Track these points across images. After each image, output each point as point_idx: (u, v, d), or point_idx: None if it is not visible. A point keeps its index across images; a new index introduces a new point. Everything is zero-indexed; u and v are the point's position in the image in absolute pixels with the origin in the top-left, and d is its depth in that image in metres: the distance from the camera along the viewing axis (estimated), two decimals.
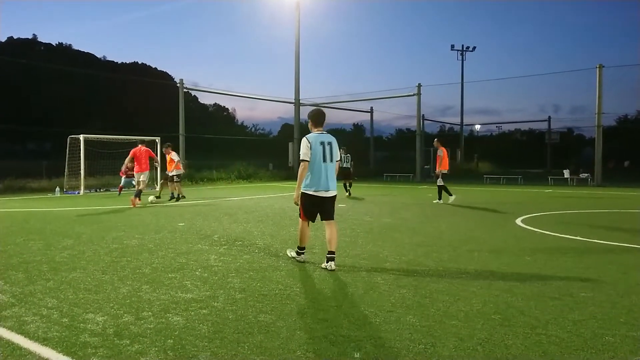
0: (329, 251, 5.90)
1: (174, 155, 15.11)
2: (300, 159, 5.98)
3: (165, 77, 71.43)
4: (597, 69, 25.13)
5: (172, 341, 3.42)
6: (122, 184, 18.17)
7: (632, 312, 4.11)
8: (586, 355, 3.22)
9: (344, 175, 16.92)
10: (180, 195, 15.06)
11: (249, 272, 5.54)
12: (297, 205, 6.12)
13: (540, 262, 6.18)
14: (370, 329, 3.67)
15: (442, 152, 14.29)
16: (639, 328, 3.72)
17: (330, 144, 6.05)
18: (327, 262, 5.83)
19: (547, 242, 7.70)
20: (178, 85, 28.23)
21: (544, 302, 4.39)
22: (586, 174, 26.03)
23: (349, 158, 17.29)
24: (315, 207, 6.03)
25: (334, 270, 5.70)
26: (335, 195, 6.12)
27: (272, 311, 4.11)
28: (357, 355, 3.19)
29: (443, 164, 14.27)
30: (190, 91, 32.94)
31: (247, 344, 3.38)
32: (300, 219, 6.17)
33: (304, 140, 5.98)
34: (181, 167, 15.42)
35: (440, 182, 14.26)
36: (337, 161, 6.18)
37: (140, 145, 14.14)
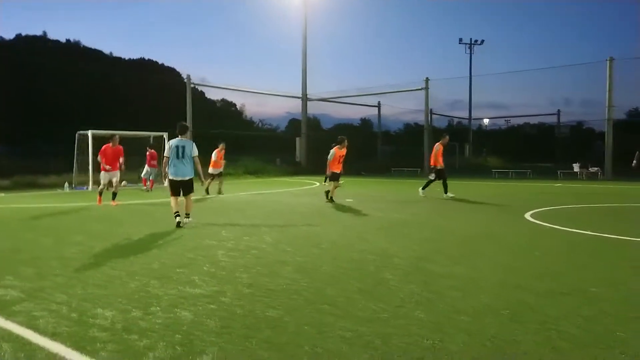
0: (186, 213, 8.68)
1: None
2: (164, 155, 8.84)
3: (172, 73, 71.40)
4: (608, 61, 24.89)
5: (180, 336, 3.42)
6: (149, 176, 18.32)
7: None
8: (597, 351, 3.18)
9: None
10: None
11: (256, 267, 5.54)
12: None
13: (550, 257, 6.13)
14: (379, 324, 3.65)
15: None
16: None
17: (183, 147, 8.54)
18: (185, 219, 8.59)
19: (558, 237, 7.64)
20: (185, 81, 28.27)
21: (554, 297, 4.35)
22: (596, 168, 25.83)
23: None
24: (177, 187, 8.64)
25: (190, 221, 8.63)
26: (190, 179, 8.72)
27: (280, 306, 4.10)
28: (365, 350, 3.17)
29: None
30: (197, 87, 32.84)
31: (255, 339, 3.38)
32: (170, 195, 8.75)
33: (167, 143, 8.66)
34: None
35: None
36: (194, 156, 8.61)
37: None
